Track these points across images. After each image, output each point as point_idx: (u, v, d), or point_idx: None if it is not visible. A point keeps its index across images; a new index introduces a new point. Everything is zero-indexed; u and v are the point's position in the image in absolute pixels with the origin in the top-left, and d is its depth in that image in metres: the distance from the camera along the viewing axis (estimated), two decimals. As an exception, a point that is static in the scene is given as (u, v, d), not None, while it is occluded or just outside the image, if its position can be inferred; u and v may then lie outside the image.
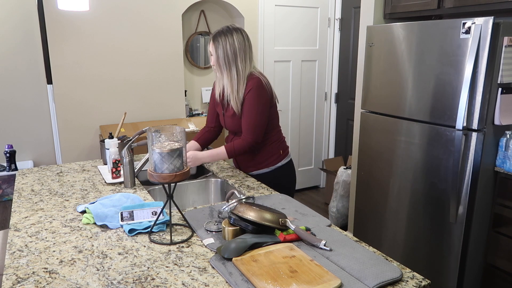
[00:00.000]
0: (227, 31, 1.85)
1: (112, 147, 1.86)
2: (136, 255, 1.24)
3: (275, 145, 2.01)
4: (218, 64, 1.87)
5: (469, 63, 2.01)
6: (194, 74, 3.97)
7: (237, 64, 1.85)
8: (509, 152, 2.09)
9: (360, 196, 2.84)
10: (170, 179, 1.26)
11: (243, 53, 1.85)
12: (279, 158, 2.01)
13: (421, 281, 1.10)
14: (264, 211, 1.31)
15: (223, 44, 1.83)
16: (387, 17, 2.79)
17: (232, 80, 1.86)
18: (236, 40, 1.84)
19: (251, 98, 1.85)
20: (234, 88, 1.86)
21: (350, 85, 4.01)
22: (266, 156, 1.99)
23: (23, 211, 1.57)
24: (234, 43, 1.83)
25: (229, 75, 1.86)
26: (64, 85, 3.22)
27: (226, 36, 1.84)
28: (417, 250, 2.45)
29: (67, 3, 2.25)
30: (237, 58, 1.84)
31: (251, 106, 1.85)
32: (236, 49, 1.83)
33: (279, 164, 2.01)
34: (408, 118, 2.42)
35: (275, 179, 1.99)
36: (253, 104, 1.85)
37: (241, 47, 1.84)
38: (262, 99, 1.86)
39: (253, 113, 1.86)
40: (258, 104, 1.85)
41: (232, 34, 1.84)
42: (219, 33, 1.86)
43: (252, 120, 1.86)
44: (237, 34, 1.84)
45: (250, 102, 1.85)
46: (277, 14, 3.87)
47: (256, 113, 1.86)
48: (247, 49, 1.87)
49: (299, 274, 1.09)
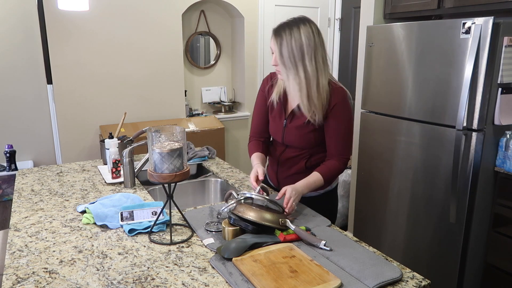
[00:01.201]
0: (293, 23, 1.52)
1: (112, 147, 1.86)
2: (136, 255, 1.24)
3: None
4: (283, 63, 1.52)
5: (469, 63, 2.01)
6: (194, 74, 3.97)
7: (305, 64, 1.51)
8: (509, 152, 2.09)
9: (360, 196, 2.83)
10: (170, 179, 1.26)
11: (312, 51, 1.51)
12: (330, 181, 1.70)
13: (421, 281, 1.10)
14: (264, 211, 1.31)
15: (286, 39, 1.50)
16: (387, 17, 2.79)
17: (301, 83, 1.53)
18: (304, 35, 1.50)
19: (345, 111, 1.59)
20: (304, 92, 1.53)
21: (350, 85, 4.00)
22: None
23: (23, 211, 1.57)
24: (301, 38, 1.50)
25: (297, 76, 1.53)
26: (64, 85, 3.22)
27: (291, 30, 1.50)
28: (417, 250, 2.45)
29: (67, 3, 2.25)
30: (305, 56, 1.51)
31: (346, 120, 1.60)
32: (304, 46, 1.50)
33: (329, 188, 1.74)
34: (408, 118, 2.42)
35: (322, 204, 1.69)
36: (347, 118, 1.61)
37: (310, 43, 1.50)
38: (351, 113, 1.64)
39: (348, 129, 1.63)
40: (349, 120, 1.62)
41: (299, 27, 1.50)
42: (283, 26, 1.53)
43: (347, 137, 1.63)
44: (304, 27, 1.51)
45: (344, 116, 1.60)
46: (277, 14, 3.87)
47: (351, 129, 1.64)
48: (318, 46, 1.53)
49: (299, 274, 1.09)
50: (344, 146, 1.63)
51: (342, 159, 1.62)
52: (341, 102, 1.58)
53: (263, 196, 1.38)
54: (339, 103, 1.57)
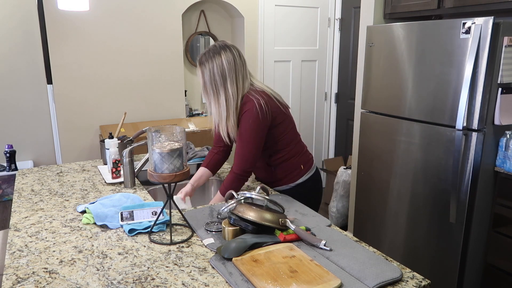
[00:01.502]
0: (214, 51, 1.65)
1: (112, 147, 1.86)
2: (136, 255, 1.24)
3: (294, 160, 1.81)
4: (205, 90, 1.68)
5: (469, 63, 2.01)
6: (194, 74, 3.97)
7: (226, 88, 1.64)
8: (509, 152, 2.09)
9: (360, 196, 2.84)
10: (170, 179, 1.26)
11: (234, 74, 1.64)
12: (299, 174, 1.82)
13: (421, 281, 1.10)
14: (264, 211, 1.31)
15: (209, 67, 1.64)
16: (387, 17, 2.79)
17: (220, 107, 1.67)
18: (225, 60, 1.63)
19: (243, 123, 1.66)
20: (223, 116, 1.67)
21: (350, 85, 4.01)
22: (285, 173, 1.82)
23: (23, 211, 1.57)
24: (223, 64, 1.63)
25: (216, 101, 1.67)
26: (64, 85, 3.22)
27: (213, 58, 1.64)
28: (417, 250, 2.45)
29: (67, 3, 2.25)
30: (226, 81, 1.63)
31: (241, 132, 1.67)
32: (225, 71, 1.63)
33: (300, 181, 1.82)
34: (408, 118, 2.42)
35: (298, 196, 1.78)
36: (243, 130, 1.66)
37: (231, 67, 1.63)
38: (255, 124, 1.64)
39: (244, 140, 1.67)
40: (250, 130, 1.65)
41: (220, 54, 1.63)
42: (205, 55, 1.66)
43: (241, 149, 1.68)
44: (225, 53, 1.64)
45: (241, 128, 1.67)
46: (277, 14, 3.87)
47: (248, 140, 1.66)
48: (239, 67, 1.66)
49: (299, 274, 1.09)
50: (237, 157, 1.69)
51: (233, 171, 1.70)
52: (246, 113, 1.65)
53: (263, 196, 1.38)
54: (244, 113, 1.66)
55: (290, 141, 1.80)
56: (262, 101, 1.64)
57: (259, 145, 1.69)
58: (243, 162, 1.68)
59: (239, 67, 1.66)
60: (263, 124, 1.67)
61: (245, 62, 1.70)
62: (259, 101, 1.64)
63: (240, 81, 1.66)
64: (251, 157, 1.68)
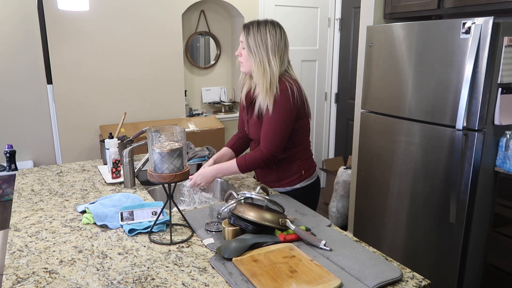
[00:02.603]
0: (263, 21, 1.66)
1: (112, 147, 1.86)
2: (136, 255, 1.24)
3: (298, 163, 1.78)
4: (250, 51, 1.65)
5: (469, 63, 2.01)
6: (194, 74, 3.97)
7: (270, 58, 1.63)
8: (509, 152, 2.09)
9: (360, 196, 2.83)
10: (170, 179, 1.26)
11: (277, 48, 1.64)
12: (299, 179, 1.79)
13: (421, 281, 1.10)
14: (264, 211, 1.31)
15: (254, 33, 1.64)
16: (387, 17, 2.79)
17: (265, 73, 1.63)
18: (269, 33, 1.64)
19: (277, 105, 1.62)
20: (267, 84, 1.62)
21: (350, 85, 4.01)
22: (285, 174, 1.78)
23: (23, 211, 1.57)
24: (267, 35, 1.63)
25: (261, 66, 1.63)
26: (64, 85, 3.22)
27: (259, 26, 1.64)
28: (417, 250, 2.45)
29: (67, 3, 2.25)
30: (269, 51, 1.63)
31: (276, 113, 1.63)
32: (268, 42, 1.63)
33: (298, 186, 1.79)
34: (408, 118, 2.42)
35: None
36: (278, 112, 1.62)
37: (276, 42, 1.64)
38: (288, 105, 1.62)
39: (274, 119, 1.63)
40: (282, 111, 1.62)
41: (266, 26, 1.65)
42: (252, 22, 1.67)
43: (272, 128, 1.63)
44: (272, 27, 1.65)
45: (275, 110, 1.63)
46: (277, 14, 3.87)
47: (279, 120, 1.62)
48: (282, 46, 1.66)
49: (299, 274, 1.09)
50: (265, 137, 1.66)
51: (261, 151, 1.66)
52: (279, 94, 1.63)
53: (263, 196, 1.38)
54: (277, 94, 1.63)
55: (300, 143, 1.76)
56: (295, 88, 1.64)
57: (288, 130, 1.67)
58: (273, 145, 1.65)
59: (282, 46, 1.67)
60: (294, 111, 1.66)
61: (287, 45, 1.70)
62: (292, 86, 1.64)
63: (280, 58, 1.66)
64: (279, 141, 1.66)
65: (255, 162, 1.67)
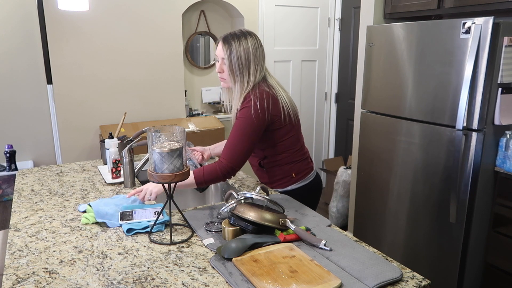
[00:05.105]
0: (241, 34, 1.64)
1: (112, 147, 1.86)
2: (136, 255, 1.24)
3: (287, 167, 1.77)
4: (231, 70, 1.64)
5: (469, 63, 2.01)
6: (194, 74, 3.97)
7: (249, 72, 1.63)
8: (509, 152, 2.09)
9: (360, 196, 2.83)
10: (170, 179, 1.26)
11: (257, 61, 1.64)
12: (289, 182, 1.78)
13: (421, 281, 1.10)
14: (264, 211, 1.31)
15: (236, 47, 1.61)
16: (387, 17, 2.79)
17: (243, 89, 1.64)
18: (251, 45, 1.63)
19: (241, 118, 1.61)
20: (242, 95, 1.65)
21: (350, 85, 4.01)
22: (275, 177, 1.79)
23: (23, 211, 1.57)
24: (249, 48, 1.62)
25: (241, 83, 1.64)
26: (64, 85, 3.22)
27: (239, 39, 1.62)
28: (417, 250, 2.45)
29: (67, 3, 2.25)
30: (251, 65, 1.63)
31: (238, 126, 1.61)
32: (251, 55, 1.62)
33: (289, 188, 1.79)
34: (408, 118, 2.42)
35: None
36: (240, 125, 1.60)
37: (256, 54, 1.64)
38: (249, 120, 1.59)
39: (238, 134, 1.60)
40: (246, 126, 1.59)
41: (246, 38, 1.63)
42: (231, 35, 1.64)
43: (233, 140, 1.60)
44: (251, 38, 1.64)
45: (238, 123, 1.62)
46: (277, 14, 3.87)
47: (241, 136, 1.59)
48: (261, 56, 1.66)
49: (299, 274, 1.09)
50: (227, 150, 1.60)
51: (221, 162, 1.59)
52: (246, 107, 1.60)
53: (263, 196, 1.38)
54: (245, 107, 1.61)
55: (287, 148, 1.75)
56: (264, 102, 1.60)
57: (250, 143, 1.61)
58: (233, 158, 1.59)
59: (261, 56, 1.67)
60: (259, 125, 1.60)
61: (264, 54, 1.69)
62: (259, 99, 1.60)
63: (258, 70, 1.65)
64: (239, 155, 1.60)
65: (214, 173, 1.58)
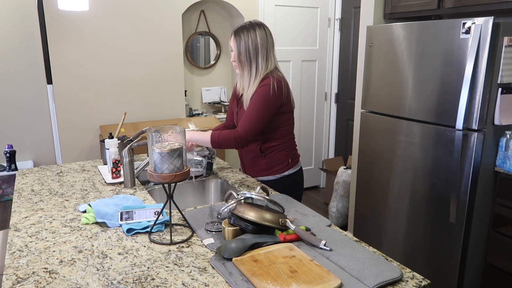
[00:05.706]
0: (250, 26, 1.80)
1: (112, 147, 1.86)
2: (136, 255, 1.24)
3: (285, 153, 1.91)
4: (239, 60, 1.81)
5: (469, 63, 2.01)
6: (194, 74, 3.97)
7: (258, 61, 1.79)
8: (509, 152, 2.09)
9: (360, 196, 2.84)
10: (170, 179, 1.26)
11: (265, 50, 1.80)
12: (286, 167, 1.92)
13: (421, 281, 1.10)
14: (264, 211, 1.31)
15: (245, 39, 1.78)
16: (387, 17, 2.79)
17: (251, 77, 1.81)
18: (259, 36, 1.78)
19: (259, 93, 1.77)
20: (255, 81, 1.80)
21: (350, 85, 4.01)
22: (273, 163, 1.91)
23: (23, 211, 1.57)
24: (257, 39, 1.78)
25: (249, 71, 1.81)
26: (64, 85, 3.22)
27: (248, 31, 1.78)
28: (417, 250, 2.45)
29: (67, 3, 2.25)
30: (258, 54, 1.79)
31: (256, 100, 1.77)
32: (258, 45, 1.78)
33: (286, 173, 1.92)
34: (408, 118, 2.43)
35: (280, 188, 1.88)
36: (259, 99, 1.76)
37: (263, 44, 1.79)
38: (269, 96, 1.76)
39: (255, 107, 1.76)
40: (264, 101, 1.76)
41: (255, 30, 1.79)
42: (241, 28, 1.81)
43: (251, 114, 1.77)
44: (259, 30, 1.79)
45: (256, 97, 1.77)
46: (277, 14, 3.87)
47: (259, 108, 1.76)
48: (270, 46, 1.82)
49: (299, 274, 1.09)
50: (243, 120, 1.77)
51: (236, 131, 1.76)
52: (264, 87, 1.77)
53: (263, 196, 1.38)
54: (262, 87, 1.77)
55: (287, 134, 1.91)
56: (282, 83, 1.79)
57: (267, 120, 1.79)
58: (249, 129, 1.76)
59: (270, 46, 1.82)
60: (275, 100, 1.78)
61: (273, 44, 1.85)
62: (276, 82, 1.77)
63: (269, 59, 1.82)
64: (255, 127, 1.77)
65: (227, 139, 1.77)
